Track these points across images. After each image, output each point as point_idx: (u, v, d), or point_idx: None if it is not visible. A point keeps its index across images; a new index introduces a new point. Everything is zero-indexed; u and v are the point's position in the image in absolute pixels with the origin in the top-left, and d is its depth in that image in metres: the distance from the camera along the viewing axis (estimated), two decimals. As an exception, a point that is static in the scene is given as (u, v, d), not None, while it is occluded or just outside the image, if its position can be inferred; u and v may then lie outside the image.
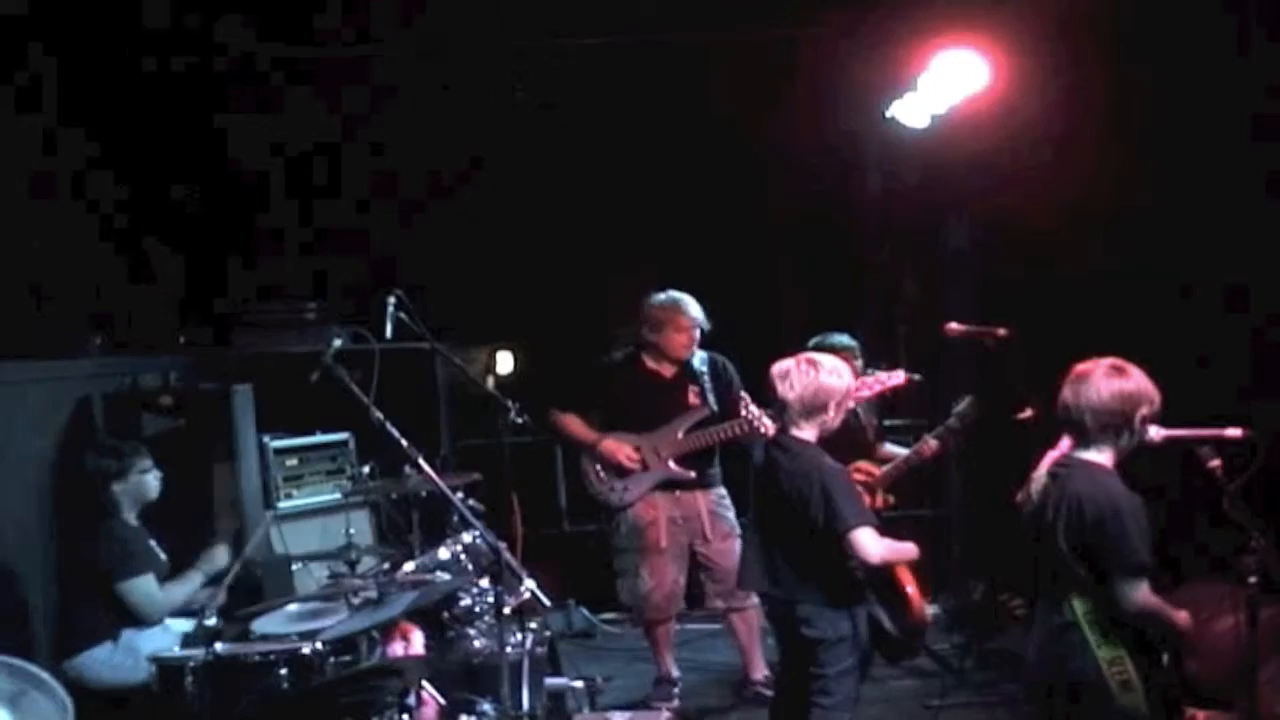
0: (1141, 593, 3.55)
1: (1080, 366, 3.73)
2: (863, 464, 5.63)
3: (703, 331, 5.82)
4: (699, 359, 5.86)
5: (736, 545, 5.44)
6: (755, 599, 5.36)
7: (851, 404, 4.53)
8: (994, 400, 5.41)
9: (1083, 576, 3.60)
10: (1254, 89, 5.51)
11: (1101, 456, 3.68)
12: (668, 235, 7.44)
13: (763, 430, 5.15)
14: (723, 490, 5.88)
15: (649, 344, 5.84)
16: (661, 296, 5.84)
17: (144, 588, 4.83)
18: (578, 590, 7.29)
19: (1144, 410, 3.65)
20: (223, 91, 6.67)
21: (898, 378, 5.34)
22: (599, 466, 5.84)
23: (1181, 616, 3.66)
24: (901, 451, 5.80)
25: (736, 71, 6.76)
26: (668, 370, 5.86)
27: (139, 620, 4.84)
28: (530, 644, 4.72)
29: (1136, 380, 3.67)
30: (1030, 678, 3.90)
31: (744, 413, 5.34)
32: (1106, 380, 3.65)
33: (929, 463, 5.71)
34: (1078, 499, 3.60)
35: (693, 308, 5.80)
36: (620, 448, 5.76)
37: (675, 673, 6.02)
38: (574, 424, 5.89)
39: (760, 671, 5.88)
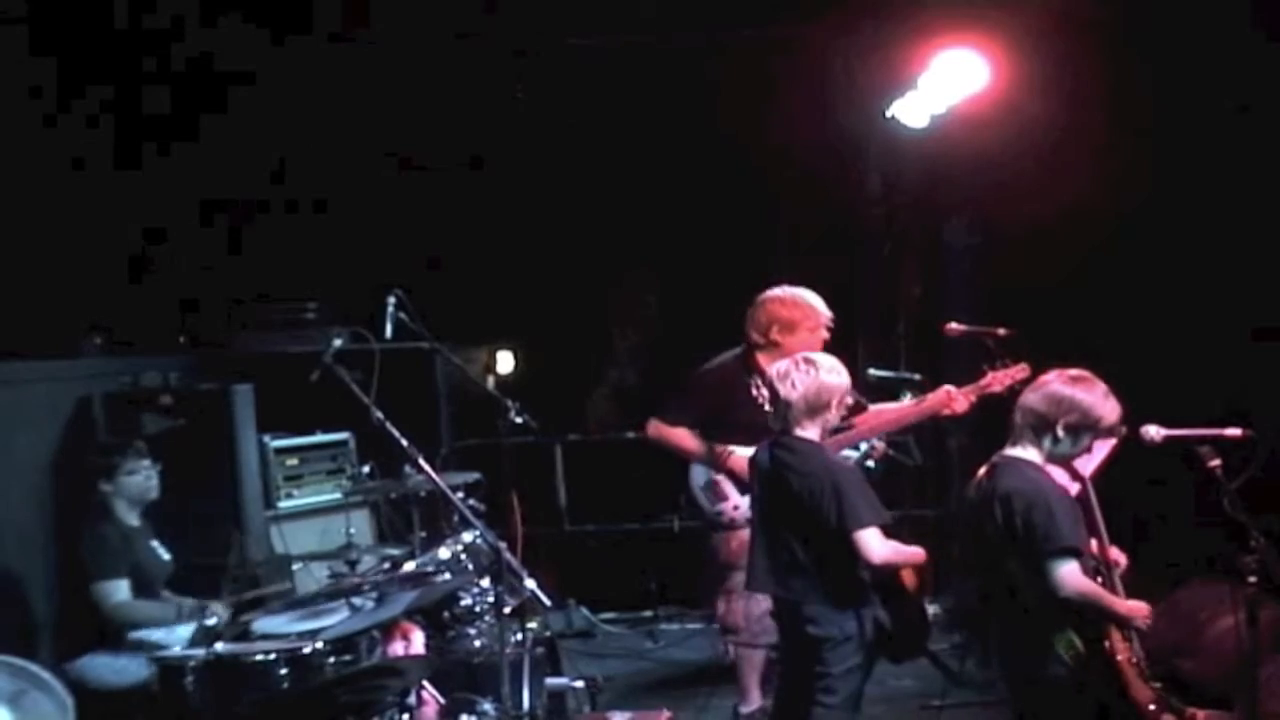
0: (1074, 574, 3.60)
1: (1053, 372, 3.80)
2: None
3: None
4: None
5: None
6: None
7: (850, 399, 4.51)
8: (994, 400, 5.41)
9: (1019, 569, 3.66)
10: (1253, 88, 5.52)
11: (1027, 454, 3.75)
12: (667, 234, 7.44)
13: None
14: None
15: (770, 345, 5.22)
16: (786, 294, 5.25)
17: (114, 593, 4.78)
18: (578, 590, 7.29)
19: (1070, 419, 3.68)
20: (222, 88, 6.66)
21: (1024, 370, 4.97)
22: (719, 481, 5.33)
23: (1125, 605, 3.71)
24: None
25: (736, 72, 6.76)
26: None
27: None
28: (530, 644, 4.72)
29: (1083, 392, 3.70)
30: (1000, 674, 3.97)
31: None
32: (1051, 384, 3.74)
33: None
34: (1007, 493, 3.68)
35: (823, 304, 5.27)
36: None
37: (758, 702, 5.45)
38: (683, 437, 5.37)
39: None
